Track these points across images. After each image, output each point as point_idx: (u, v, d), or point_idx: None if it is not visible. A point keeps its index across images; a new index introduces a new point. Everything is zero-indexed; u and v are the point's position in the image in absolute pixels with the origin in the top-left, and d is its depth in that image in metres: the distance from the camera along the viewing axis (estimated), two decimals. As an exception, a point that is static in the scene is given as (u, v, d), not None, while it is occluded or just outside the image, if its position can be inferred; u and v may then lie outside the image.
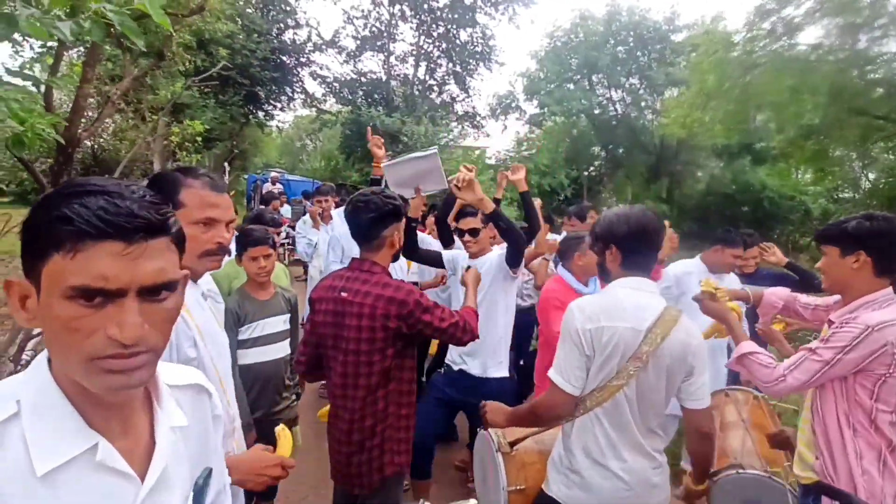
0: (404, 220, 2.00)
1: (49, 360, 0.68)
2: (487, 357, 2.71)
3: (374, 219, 1.84)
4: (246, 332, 2.36)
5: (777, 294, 2.22)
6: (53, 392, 0.66)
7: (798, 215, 18.18)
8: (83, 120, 3.78)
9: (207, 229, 1.29)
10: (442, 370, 2.93)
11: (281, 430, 1.38)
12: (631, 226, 1.58)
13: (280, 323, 2.50)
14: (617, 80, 21.69)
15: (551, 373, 1.58)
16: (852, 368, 1.62)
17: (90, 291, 0.60)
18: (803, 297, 2.17)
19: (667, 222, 2.82)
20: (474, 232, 2.75)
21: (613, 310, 1.53)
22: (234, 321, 2.31)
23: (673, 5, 29.47)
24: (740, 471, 2.17)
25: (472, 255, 2.87)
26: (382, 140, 3.20)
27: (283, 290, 2.60)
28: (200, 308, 1.35)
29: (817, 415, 1.74)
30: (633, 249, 1.60)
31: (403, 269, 3.96)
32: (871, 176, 16.79)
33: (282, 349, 2.49)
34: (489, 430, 1.90)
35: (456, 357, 2.83)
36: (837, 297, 1.97)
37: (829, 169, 15.96)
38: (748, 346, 1.83)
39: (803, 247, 16.40)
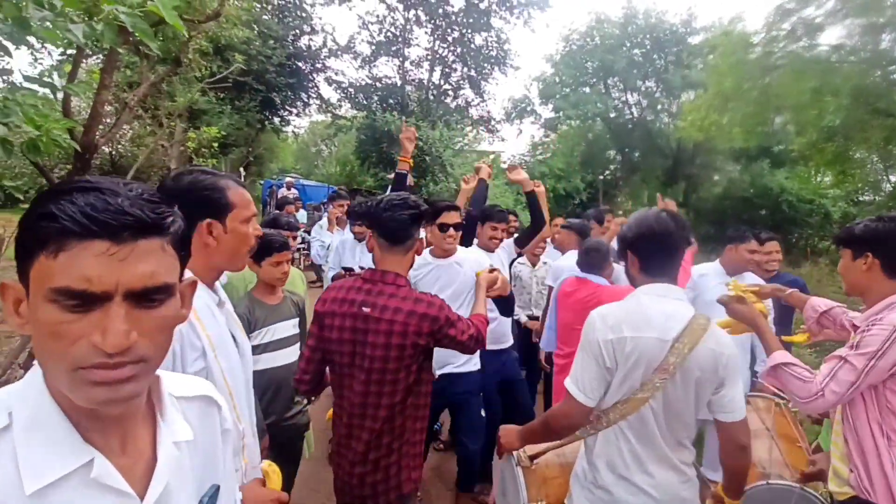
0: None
1: None
2: (466, 356, 2.74)
3: (414, 216, 1.75)
4: (257, 338, 2.33)
5: (823, 301, 2.08)
6: (47, 404, 0.62)
7: (817, 219, 17.82)
8: (101, 126, 3.82)
9: (251, 226, 1.33)
10: None
11: (268, 466, 1.34)
12: (641, 229, 1.53)
13: (290, 327, 2.47)
14: (633, 83, 21.54)
15: (567, 381, 1.52)
16: (885, 374, 1.53)
17: (73, 294, 0.56)
18: (851, 312, 2.03)
19: None
20: (459, 226, 2.70)
21: (637, 319, 1.46)
22: (245, 327, 2.28)
23: (690, 7, 29.25)
24: (770, 482, 2.08)
25: (446, 254, 2.72)
26: (416, 133, 3.19)
27: (290, 294, 2.57)
28: (213, 317, 1.30)
29: (848, 425, 1.66)
30: (648, 253, 1.53)
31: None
32: (893, 178, 16.41)
33: (293, 353, 2.46)
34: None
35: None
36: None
37: (850, 171, 15.61)
38: (782, 355, 1.70)
39: (822, 251, 16.05)
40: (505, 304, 2.60)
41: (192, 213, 1.23)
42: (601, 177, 22.03)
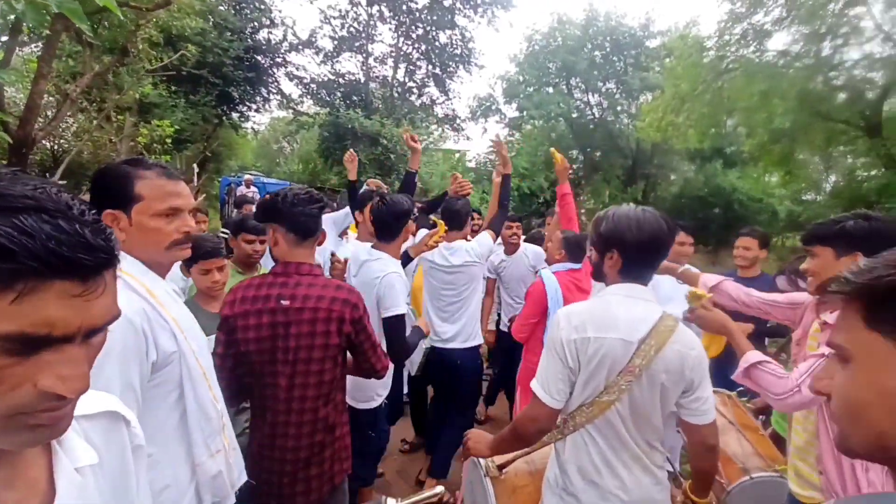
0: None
1: None
2: (467, 328, 3.06)
3: (321, 209, 1.77)
4: None
5: (713, 276, 2.13)
6: None
7: (765, 216, 18.70)
8: (40, 119, 3.58)
9: (172, 220, 1.24)
10: None
11: None
12: (643, 234, 1.43)
13: None
14: (594, 84, 21.96)
15: (533, 384, 1.48)
16: None
17: (26, 340, 0.47)
18: (744, 287, 2.12)
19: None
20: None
21: (603, 319, 1.43)
22: None
23: (648, 11, 30.11)
24: (752, 476, 2.13)
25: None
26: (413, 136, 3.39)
27: None
28: (174, 301, 1.27)
29: (825, 426, 1.62)
30: (637, 259, 1.47)
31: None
32: (832, 178, 17.36)
33: None
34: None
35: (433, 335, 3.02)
36: (796, 295, 1.96)
37: (795, 172, 16.42)
38: (756, 355, 1.65)
39: (770, 247, 16.79)
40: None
41: (99, 202, 1.17)
42: (563, 176, 22.37)
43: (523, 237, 4.20)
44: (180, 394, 1.22)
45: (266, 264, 2.91)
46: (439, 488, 0.93)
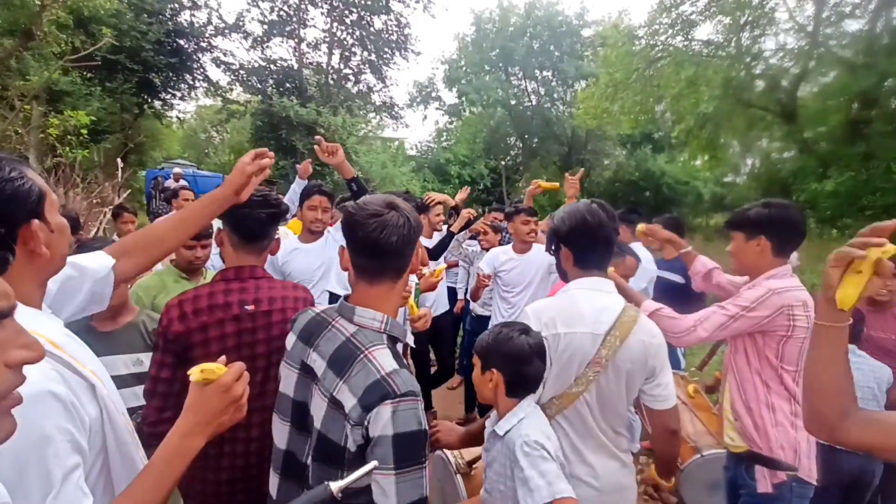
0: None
1: None
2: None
3: (272, 215, 1.62)
4: None
5: (710, 261, 2.38)
6: None
7: (691, 199, 19.88)
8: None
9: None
10: None
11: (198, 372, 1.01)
12: (574, 223, 1.51)
13: (127, 364, 1.83)
14: (531, 71, 22.33)
15: None
16: (753, 325, 1.76)
17: None
18: (726, 276, 2.32)
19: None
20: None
21: (571, 315, 1.46)
22: None
23: (582, 1, 30.97)
24: (703, 454, 2.28)
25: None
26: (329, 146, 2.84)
27: (147, 317, 1.95)
28: (79, 345, 0.99)
29: (734, 378, 1.86)
30: (581, 247, 1.53)
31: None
32: (749, 161, 18.69)
33: (132, 397, 1.75)
34: (445, 450, 1.76)
35: None
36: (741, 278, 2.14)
37: (719, 156, 17.51)
38: (652, 304, 1.92)
39: (696, 227, 17.93)
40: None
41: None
42: (503, 162, 22.69)
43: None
44: (102, 465, 0.91)
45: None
46: (373, 463, 0.92)
